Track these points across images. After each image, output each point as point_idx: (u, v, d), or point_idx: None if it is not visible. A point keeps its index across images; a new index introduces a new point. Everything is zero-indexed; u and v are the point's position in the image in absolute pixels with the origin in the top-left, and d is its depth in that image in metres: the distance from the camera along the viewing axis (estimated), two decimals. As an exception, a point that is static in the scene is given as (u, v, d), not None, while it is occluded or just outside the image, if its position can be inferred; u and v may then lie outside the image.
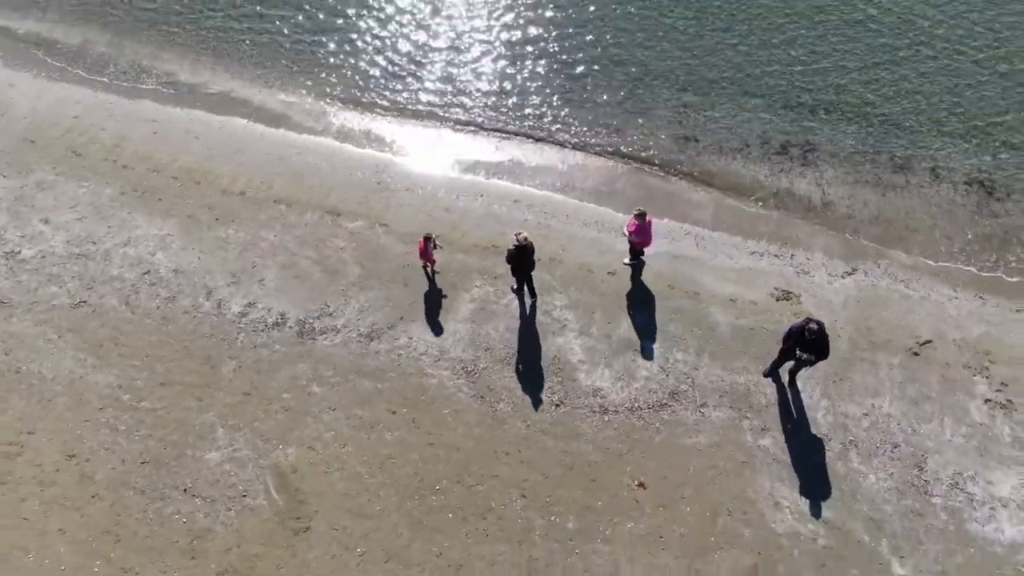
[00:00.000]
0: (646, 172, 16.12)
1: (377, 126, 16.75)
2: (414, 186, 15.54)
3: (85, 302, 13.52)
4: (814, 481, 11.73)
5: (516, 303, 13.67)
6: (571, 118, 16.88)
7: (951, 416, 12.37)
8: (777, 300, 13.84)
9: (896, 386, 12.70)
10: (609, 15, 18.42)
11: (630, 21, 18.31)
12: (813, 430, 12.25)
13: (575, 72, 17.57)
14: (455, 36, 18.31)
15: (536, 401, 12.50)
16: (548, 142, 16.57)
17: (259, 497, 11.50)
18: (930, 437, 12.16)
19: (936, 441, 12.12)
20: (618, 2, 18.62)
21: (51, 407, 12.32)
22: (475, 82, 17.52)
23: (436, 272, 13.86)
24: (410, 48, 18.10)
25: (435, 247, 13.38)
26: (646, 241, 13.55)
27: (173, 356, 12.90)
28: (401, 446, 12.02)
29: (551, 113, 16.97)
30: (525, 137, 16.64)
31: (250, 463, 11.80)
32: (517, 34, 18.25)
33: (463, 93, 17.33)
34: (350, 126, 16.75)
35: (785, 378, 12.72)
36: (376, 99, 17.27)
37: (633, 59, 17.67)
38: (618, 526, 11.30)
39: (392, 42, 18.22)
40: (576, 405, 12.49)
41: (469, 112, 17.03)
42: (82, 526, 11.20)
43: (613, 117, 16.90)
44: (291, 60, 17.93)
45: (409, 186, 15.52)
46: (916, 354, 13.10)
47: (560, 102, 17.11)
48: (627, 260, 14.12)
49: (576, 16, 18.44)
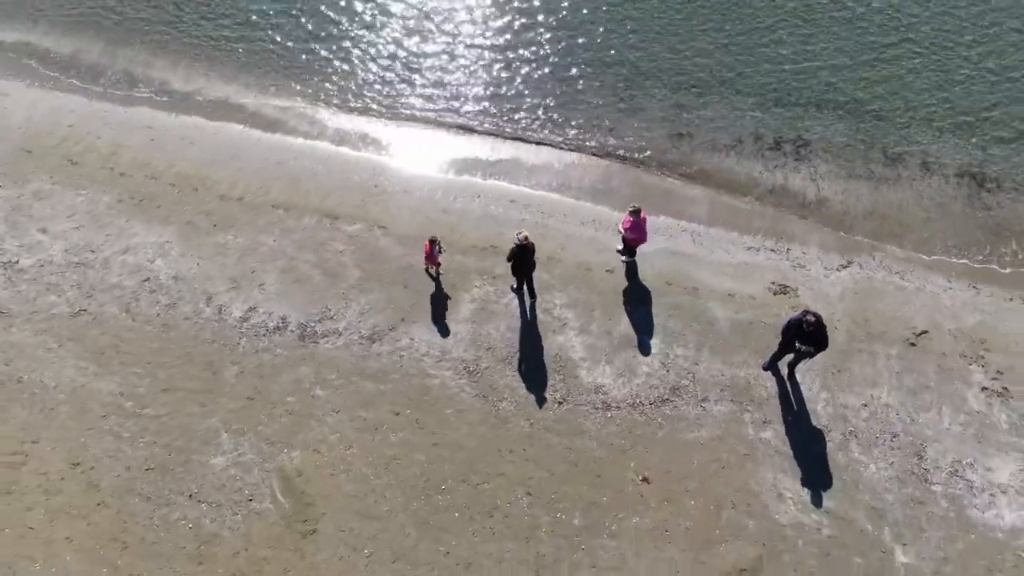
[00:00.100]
0: (641, 170, 16.25)
1: (373, 129, 16.81)
2: (411, 188, 15.61)
3: (85, 310, 13.51)
4: (816, 472, 11.87)
5: (516, 302, 13.75)
6: (565, 118, 16.99)
7: (949, 405, 12.53)
8: (774, 294, 13.98)
9: (894, 376, 12.85)
10: (601, 18, 18.56)
11: (621, 23, 18.45)
12: (814, 421, 12.39)
13: (568, 73, 17.69)
14: (449, 40, 18.39)
15: (539, 399, 12.58)
16: (543, 143, 16.67)
17: (265, 501, 11.53)
18: (929, 426, 12.32)
19: (935, 430, 12.28)
20: (609, 5, 18.77)
21: (54, 416, 12.31)
22: (469, 84, 17.61)
23: (440, 274, 13.93)
24: (404, 52, 18.18)
25: (440, 250, 13.44)
26: (641, 238, 13.66)
27: (175, 362, 12.90)
28: (406, 447, 12.07)
29: (545, 114, 17.09)
30: (520, 138, 16.73)
31: (255, 467, 11.83)
32: (510, 37, 18.35)
33: (458, 95, 17.42)
34: (346, 130, 16.81)
35: (785, 371, 12.86)
36: (371, 103, 17.34)
37: (625, 60, 17.81)
38: (623, 521, 11.39)
39: (386, 46, 18.30)
40: (578, 402, 12.58)
41: (464, 114, 17.12)
42: (88, 534, 11.19)
43: (607, 117, 17.03)
44: (285, 66, 17.97)
45: (406, 188, 15.59)
46: (913, 344, 13.26)
47: (554, 103, 17.22)
48: (620, 248, 14.28)
49: (568, 19, 18.57)
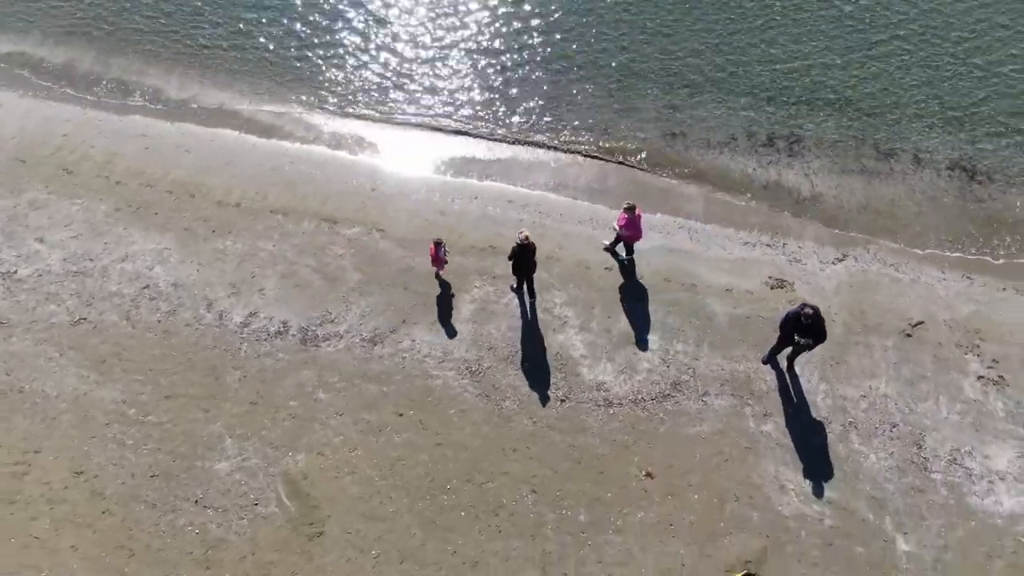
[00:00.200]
0: (636, 169, 16.37)
1: (369, 133, 16.86)
2: (409, 191, 15.67)
3: (85, 319, 13.50)
4: (817, 463, 12.00)
5: (516, 302, 13.83)
6: (560, 119, 17.10)
7: (946, 394, 12.69)
8: (771, 288, 14.11)
9: (891, 367, 13.01)
10: (593, 21, 18.68)
11: (613, 26, 18.58)
12: (813, 413, 12.52)
13: (562, 75, 17.79)
14: (442, 43, 18.47)
15: (541, 397, 12.66)
16: (539, 143, 16.75)
17: (271, 505, 11.55)
18: (927, 415, 12.47)
19: (933, 419, 12.43)
20: (601, 8, 18.90)
21: (56, 425, 12.28)
22: (464, 87, 17.70)
23: (444, 268, 13.97)
24: (398, 56, 18.24)
25: (445, 252, 13.50)
26: (636, 235, 13.77)
27: (177, 369, 12.91)
28: (410, 448, 12.12)
29: (540, 115, 17.19)
30: (516, 139, 16.82)
31: (260, 471, 11.85)
32: (504, 40, 18.45)
33: (452, 97, 17.50)
34: (342, 134, 16.85)
35: (784, 364, 12.99)
36: (367, 107, 17.38)
37: (618, 62, 17.95)
38: (628, 516, 11.48)
39: (379, 51, 18.35)
40: (580, 400, 12.67)
41: (459, 116, 17.20)
42: (94, 542, 11.18)
43: (601, 117, 17.14)
44: (279, 72, 17.99)
45: (404, 191, 15.65)
46: (909, 335, 13.42)
47: (548, 104, 17.33)
48: (607, 245, 14.39)
49: (561, 22, 18.68)
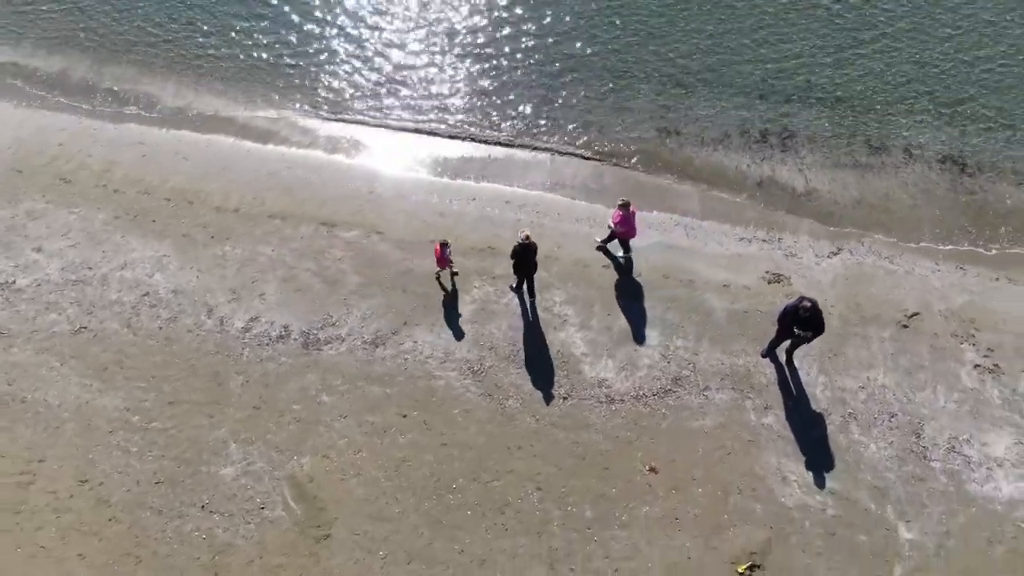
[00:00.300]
0: (632, 167, 16.50)
1: (365, 137, 16.92)
2: (406, 193, 15.74)
3: (86, 327, 13.49)
4: (818, 454, 12.13)
5: (516, 301, 13.91)
6: (555, 120, 17.22)
7: (943, 383, 12.85)
8: (768, 283, 14.26)
9: (889, 358, 13.16)
10: (585, 24, 18.81)
11: (605, 29, 18.72)
12: (813, 405, 12.66)
13: (556, 78, 17.91)
14: (437, 47, 18.56)
15: (544, 395, 12.74)
16: (534, 144, 16.86)
17: (277, 508, 11.57)
18: (925, 405, 12.63)
19: (931, 408, 12.59)
20: (592, 12, 19.04)
21: (60, 434, 12.27)
22: (459, 90, 17.79)
23: (456, 273, 14.05)
24: (392, 61, 18.31)
25: (450, 253, 13.56)
26: (631, 231, 13.89)
27: (179, 375, 12.92)
28: (415, 448, 12.17)
29: (535, 116, 17.30)
30: (512, 140, 16.92)
31: (266, 475, 11.87)
32: (498, 43, 18.56)
33: (448, 101, 17.58)
34: (338, 139, 16.91)
35: (783, 357, 13.12)
36: (362, 112, 17.44)
37: (610, 62, 18.10)
38: (634, 511, 11.57)
39: (374, 56, 18.42)
40: (583, 397, 12.76)
41: (455, 119, 17.28)
42: (101, 550, 11.17)
43: (595, 116, 17.27)
44: (273, 78, 18.04)
45: (402, 193, 15.72)
46: (905, 326, 13.59)
47: (543, 105, 17.45)
48: (600, 242, 14.53)
49: (554, 26, 18.80)
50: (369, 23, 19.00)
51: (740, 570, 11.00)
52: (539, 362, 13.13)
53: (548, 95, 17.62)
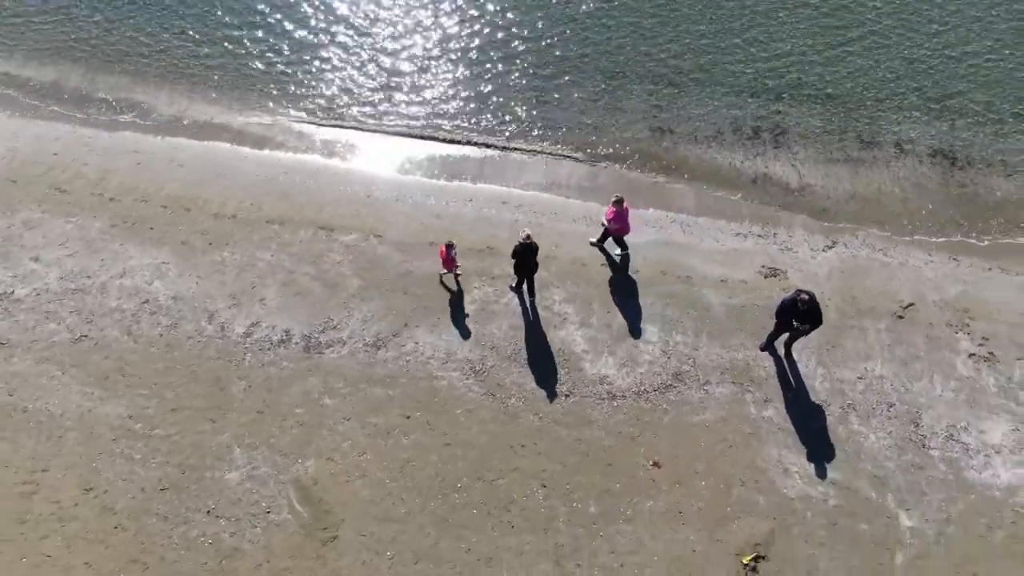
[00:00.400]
0: (627, 166, 16.64)
1: (362, 142, 16.99)
2: (404, 196, 15.81)
3: (86, 336, 13.47)
4: (818, 445, 12.26)
5: (516, 301, 14.00)
6: (549, 120, 17.35)
7: (939, 372, 13.02)
8: (765, 277, 14.40)
9: (885, 349, 13.32)
10: (576, 26, 18.98)
11: (597, 31, 18.90)
12: (812, 397, 12.79)
13: (549, 78, 18.05)
14: (431, 51, 18.67)
15: (546, 393, 12.82)
16: (529, 144, 16.97)
17: (283, 512, 11.59)
18: (922, 394, 12.79)
19: (928, 397, 12.75)
20: (584, 15, 19.20)
21: (62, 443, 12.25)
22: (453, 94, 17.89)
23: (459, 275, 14.09)
24: (387, 66, 18.39)
25: (455, 254, 13.61)
26: (624, 228, 13.99)
27: (181, 382, 12.92)
28: (419, 449, 12.22)
29: (530, 117, 17.42)
30: (507, 141, 17.03)
31: (271, 479, 11.89)
32: (491, 47, 18.68)
33: (442, 105, 17.68)
34: (334, 144, 16.97)
35: (781, 350, 13.26)
36: (358, 116, 17.50)
37: (603, 64, 18.26)
38: (638, 506, 11.66)
39: (368, 62, 18.50)
40: (585, 394, 12.85)
41: (451, 121, 17.37)
42: (108, 558, 11.16)
43: (589, 116, 17.42)
44: (267, 84, 18.09)
45: (399, 196, 15.79)
46: (901, 317, 13.76)
47: (538, 105, 17.58)
48: (594, 240, 14.60)
49: (546, 29, 18.94)
50: (362, 29, 19.08)
51: (745, 561, 11.10)
52: (540, 361, 13.21)
53: (542, 97, 17.76)
